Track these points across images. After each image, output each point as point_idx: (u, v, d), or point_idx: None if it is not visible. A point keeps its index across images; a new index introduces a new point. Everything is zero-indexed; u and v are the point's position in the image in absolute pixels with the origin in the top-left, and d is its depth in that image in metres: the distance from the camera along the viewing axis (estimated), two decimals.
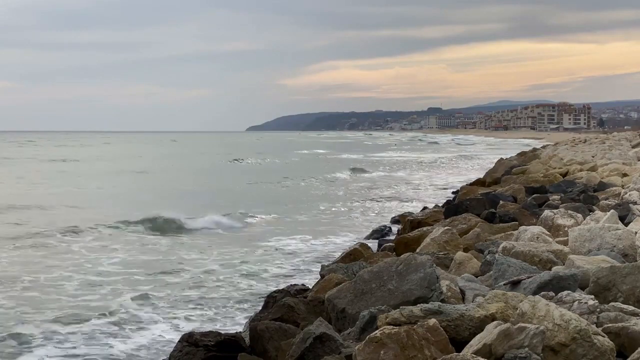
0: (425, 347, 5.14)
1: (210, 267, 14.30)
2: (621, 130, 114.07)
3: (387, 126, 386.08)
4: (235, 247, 16.70)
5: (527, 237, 8.93)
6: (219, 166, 54.91)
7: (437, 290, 6.52)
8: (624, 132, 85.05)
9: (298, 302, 8.37)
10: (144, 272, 13.83)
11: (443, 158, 67.07)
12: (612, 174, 20.30)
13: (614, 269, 6.35)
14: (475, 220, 12.75)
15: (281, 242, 17.43)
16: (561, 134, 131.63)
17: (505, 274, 7.02)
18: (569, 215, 10.60)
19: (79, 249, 16.25)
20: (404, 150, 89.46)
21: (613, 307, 5.73)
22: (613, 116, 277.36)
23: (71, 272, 13.65)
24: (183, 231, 18.89)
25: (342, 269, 9.74)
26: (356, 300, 6.88)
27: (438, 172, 47.14)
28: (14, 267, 14.11)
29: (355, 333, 6.24)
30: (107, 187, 34.27)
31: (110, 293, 12.09)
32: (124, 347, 9.22)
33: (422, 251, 9.91)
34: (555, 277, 6.29)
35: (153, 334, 9.80)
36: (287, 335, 7.17)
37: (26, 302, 11.45)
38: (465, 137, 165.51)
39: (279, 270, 14.08)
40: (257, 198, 28.42)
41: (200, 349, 7.43)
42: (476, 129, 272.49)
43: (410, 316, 5.66)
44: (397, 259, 7.22)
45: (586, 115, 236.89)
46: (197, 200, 26.62)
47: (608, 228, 8.27)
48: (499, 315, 5.65)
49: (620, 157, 27.44)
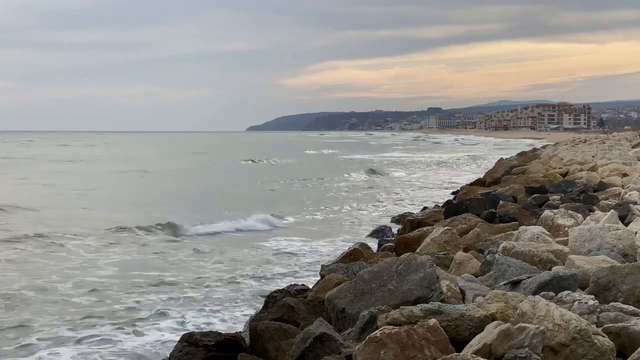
0: (425, 347, 5.14)
1: (210, 268, 14.31)
2: (621, 130, 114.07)
3: (387, 126, 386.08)
4: (235, 248, 16.71)
5: (527, 237, 8.93)
6: (236, 167, 54.29)
7: (437, 290, 6.52)
8: (624, 132, 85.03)
9: (298, 302, 8.37)
10: (144, 272, 13.83)
11: (453, 158, 66.81)
12: (612, 174, 20.30)
13: (614, 269, 6.34)
14: (475, 220, 12.74)
15: (281, 242, 17.43)
16: (561, 134, 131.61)
17: (505, 274, 7.02)
18: (569, 215, 10.60)
19: (80, 250, 16.25)
20: (412, 151, 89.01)
21: (613, 307, 5.73)
22: (613, 116, 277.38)
23: (72, 273, 13.66)
24: (185, 233, 18.86)
25: (342, 269, 9.74)
26: (356, 300, 6.87)
27: (457, 172, 46.96)
28: (11, 269, 14.11)
29: (355, 333, 6.24)
30: (121, 187, 33.86)
31: (111, 293, 12.10)
32: (124, 347, 9.23)
33: (422, 251, 9.91)
34: (555, 277, 6.29)
35: (153, 334, 9.80)
36: (287, 335, 7.17)
37: (27, 303, 11.45)
38: (467, 137, 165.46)
39: (279, 270, 14.09)
40: (284, 200, 28.43)
41: (200, 349, 7.43)
42: (476, 129, 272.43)
43: (410, 316, 5.66)
44: (397, 259, 7.21)
45: (586, 115, 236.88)
46: (215, 203, 26.36)
47: (608, 228, 8.27)
48: (499, 315, 5.65)
49: (620, 157, 27.44)
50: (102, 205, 25.90)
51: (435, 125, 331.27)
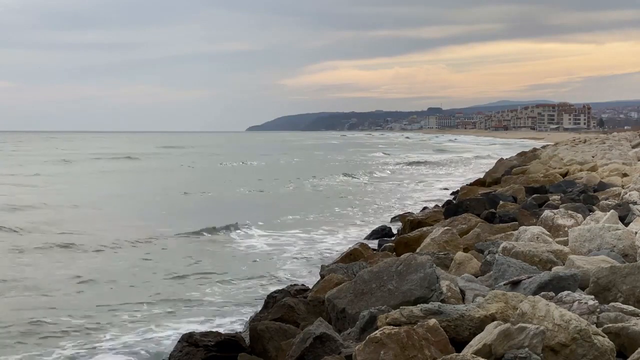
0: (425, 347, 5.14)
1: (211, 268, 14.30)
2: (621, 130, 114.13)
3: (387, 126, 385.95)
4: (236, 248, 16.71)
5: (527, 237, 8.93)
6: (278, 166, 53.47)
7: (437, 290, 6.52)
8: (624, 132, 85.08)
9: (298, 302, 8.37)
10: (144, 272, 13.83)
11: (478, 157, 66.19)
12: (612, 174, 20.31)
13: (614, 269, 6.35)
14: (475, 220, 12.75)
15: (281, 242, 17.43)
16: (561, 134, 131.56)
17: (505, 274, 7.02)
18: (569, 215, 10.60)
19: (91, 251, 16.27)
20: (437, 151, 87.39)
21: (613, 307, 5.73)
22: (613, 116, 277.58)
23: (73, 272, 13.67)
24: (187, 234, 18.82)
25: (342, 269, 9.75)
26: (356, 301, 6.88)
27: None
28: (15, 270, 14.14)
29: (355, 333, 6.24)
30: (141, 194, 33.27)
31: (111, 293, 12.10)
32: (124, 347, 9.22)
33: (422, 251, 9.91)
34: (555, 277, 6.30)
35: (153, 334, 9.79)
36: (287, 335, 7.17)
37: (33, 305, 11.46)
38: (472, 137, 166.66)
39: (279, 270, 14.07)
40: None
41: (200, 349, 7.43)
42: (476, 129, 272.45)
43: (410, 316, 5.66)
44: (397, 259, 7.22)
45: (586, 116, 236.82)
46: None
47: (608, 228, 8.27)
48: (499, 315, 5.65)
49: (620, 157, 27.46)
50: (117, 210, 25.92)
51: (435, 126, 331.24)
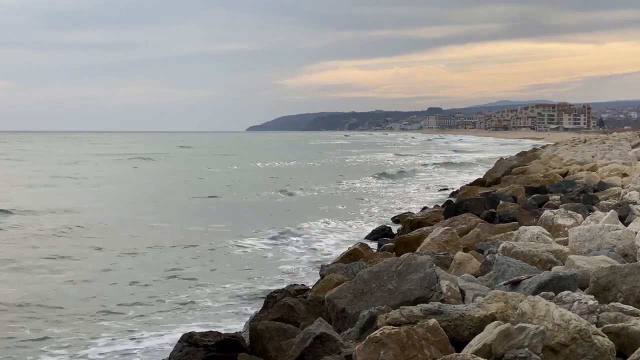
0: (425, 347, 5.14)
1: (210, 268, 14.30)
2: (621, 130, 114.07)
3: (387, 126, 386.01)
4: (235, 248, 16.70)
5: (527, 237, 8.93)
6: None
7: (437, 290, 6.52)
8: (624, 132, 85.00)
9: (298, 302, 8.37)
10: (143, 272, 13.83)
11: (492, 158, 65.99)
12: (612, 174, 20.32)
13: (614, 269, 6.35)
14: (475, 220, 12.75)
15: (281, 241, 17.42)
16: (561, 134, 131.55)
17: (505, 274, 7.02)
18: (569, 215, 10.60)
19: (89, 248, 16.27)
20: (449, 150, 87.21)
21: (613, 307, 5.73)
22: (613, 116, 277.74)
23: (73, 272, 13.68)
24: (189, 234, 18.82)
25: (342, 269, 9.75)
26: (356, 300, 6.88)
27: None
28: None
29: (355, 333, 6.24)
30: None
31: (111, 294, 12.10)
32: (124, 347, 9.22)
33: (422, 251, 9.92)
34: (555, 277, 6.29)
35: (153, 334, 9.79)
36: (287, 335, 7.17)
37: (26, 298, 11.47)
38: (477, 138, 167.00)
39: (279, 270, 14.07)
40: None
41: (200, 349, 7.43)
42: (476, 129, 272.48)
43: (410, 316, 5.66)
44: (397, 259, 7.22)
45: (586, 115, 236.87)
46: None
47: (608, 228, 8.27)
48: (499, 315, 5.65)
49: (620, 157, 27.46)
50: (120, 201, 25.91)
51: (435, 126, 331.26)
